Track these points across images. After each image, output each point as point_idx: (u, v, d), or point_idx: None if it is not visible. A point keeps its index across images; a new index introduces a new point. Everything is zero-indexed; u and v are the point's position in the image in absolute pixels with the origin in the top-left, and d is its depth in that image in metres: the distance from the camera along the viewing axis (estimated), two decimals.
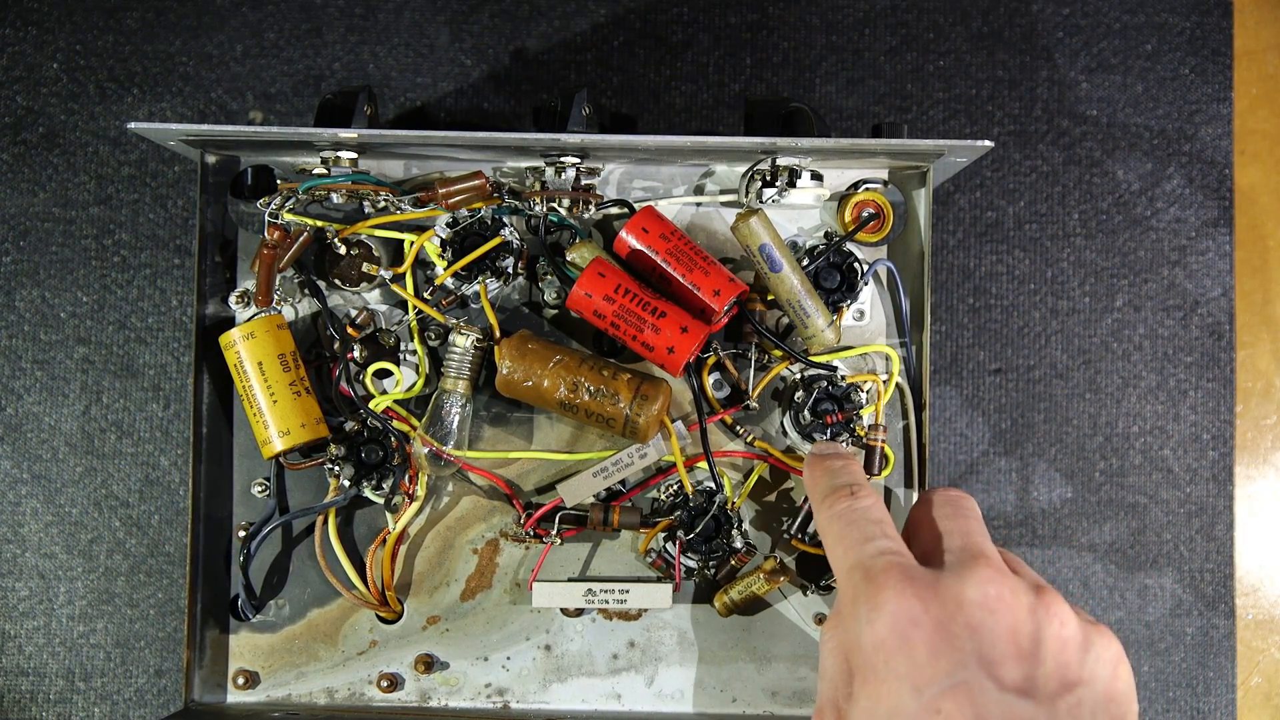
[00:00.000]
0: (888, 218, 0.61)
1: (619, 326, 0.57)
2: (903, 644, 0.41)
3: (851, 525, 0.47)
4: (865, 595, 0.43)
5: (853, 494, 0.49)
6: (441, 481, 0.62)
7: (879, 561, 0.44)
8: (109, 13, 0.73)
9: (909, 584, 0.42)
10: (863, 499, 0.49)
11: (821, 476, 0.52)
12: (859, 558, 0.45)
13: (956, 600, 0.42)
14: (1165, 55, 0.75)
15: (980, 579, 0.42)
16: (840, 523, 0.48)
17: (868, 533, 0.46)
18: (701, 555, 0.59)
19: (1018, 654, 0.41)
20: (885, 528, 0.47)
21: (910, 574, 0.43)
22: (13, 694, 0.71)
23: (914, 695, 0.40)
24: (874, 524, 0.47)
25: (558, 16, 0.74)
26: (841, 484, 0.50)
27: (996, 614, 0.41)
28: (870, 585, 0.43)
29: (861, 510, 0.48)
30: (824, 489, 0.51)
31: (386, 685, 0.61)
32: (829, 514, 0.49)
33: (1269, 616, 0.74)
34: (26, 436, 0.71)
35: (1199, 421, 0.74)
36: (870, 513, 0.48)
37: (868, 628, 0.42)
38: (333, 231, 0.59)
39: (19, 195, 0.72)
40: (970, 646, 0.41)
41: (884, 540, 0.46)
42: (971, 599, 0.42)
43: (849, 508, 0.48)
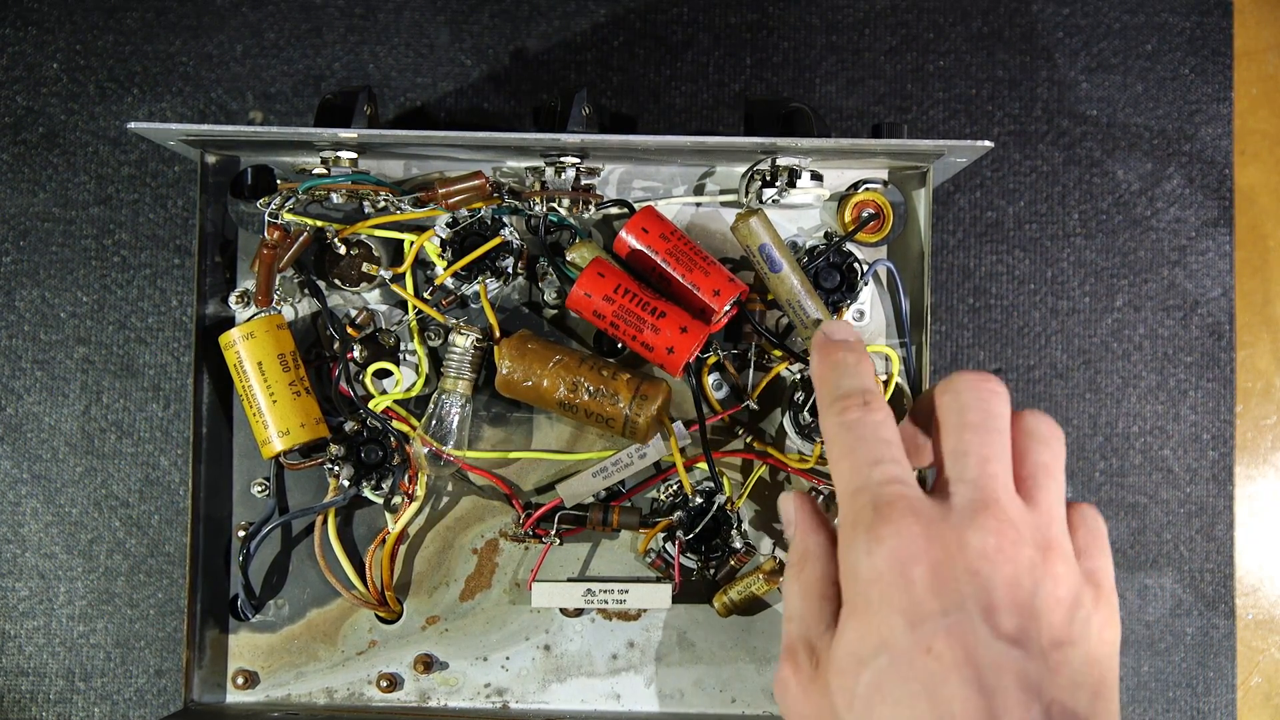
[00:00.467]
0: (888, 218, 0.61)
1: (619, 326, 0.57)
2: (901, 578, 0.40)
3: (862, 442, 0.44)
4: (867, 524, 0.42)
5: (866, 404, 0.45)
6: (441, 481, 0.62)
7: (886, 491, 0.42)
8: (109, 13, 0.73)
9: (914, 519, 0.41)
10: (875, 411, 0.45)
11: (831, 372, 0.48)
12: (866, 482, 0.43)
13: (959, 543, 0.41)
14: (1165, 55, 0.75)
15: (986, 527, 0.41)
16: (850, 436, 0.45)
17: (878, 454, 0.44)
18: (701, 555, 0.59)
19: (1014, 604, 0.40)
20: (895, 450, 0.44)
21: (916, 509, 0.42)
22: (13, 694, 0.71)
23: (907, 630, 0.40)
24: (885, 444, 0.44)
25: (558, 16, 0.74)
26: (854, 388, 0.46)
27: (997, 564, 0.41)
28: (875, 515, 0.42)
29: (873, 426, 0.45)
30: (834, 389, 0.47)
31: (386, 685, 0.61)
32: (838, 421, 0.46)
33: (1269, 616, 0.74)
34: (26, 436, 0.71)
35: (1199, 421, 0.74)
36: (882, 430, 0.45)
37: (866, 558, 0.41)
38: (333, 231, 0.59)
39: (19, 195, 0.72)
40: (969, 590, 0.40)
41: (893, 465, 0.44)
42: (974, 545, 0.41)
43: (859, 420, 0.45)
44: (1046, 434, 0.46)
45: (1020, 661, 0.39)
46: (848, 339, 0.49)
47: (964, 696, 0.38)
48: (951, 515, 0.42)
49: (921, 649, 0.39)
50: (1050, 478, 0.45)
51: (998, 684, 0.39)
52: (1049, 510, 0.44)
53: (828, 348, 0.48)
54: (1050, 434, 0.46)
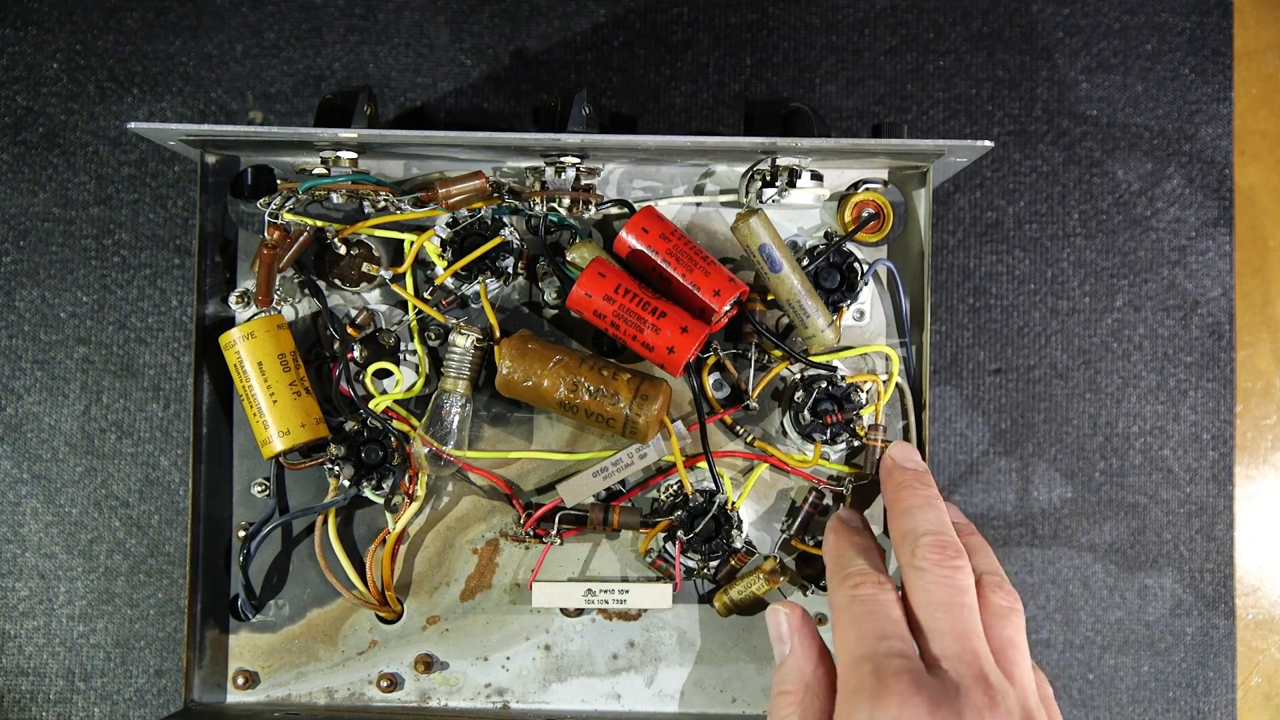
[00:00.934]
0: (888, 218, 0.61)
1: (619, 326, 0.57)
2: None
3: (872, 616, 0.48)
4: (869, 692, 0.44)
5: (880, 584, 0.49)
6: (441, 481, 0.62)
7: (892, 663, 0.45)
8: (109, 13, 0.73)
9: (916, 692, 0.44)
10: (887, 591, 0.49)
11: (846, 551, 0.52)
12: (872, 651, 0.46)
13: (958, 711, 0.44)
14: (1165, 55, 0.75)
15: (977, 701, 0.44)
16: (860, 609, 0.48)
17: (885, 629, 0.47)
18: (701, 555, 0.59)
19: None
20: (902, 629, 0.48)
21: (918, 682, 0.44)
22: (13, 694, 0.71)
23: None
24: (893, 622, 0.47)
25: (558, 16, 0.74)
26: (867, 569, 0.50)
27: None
28: (879, 684, 0.44)
29: (884, 604, 0.48)
30: (847, 566, 0.51)
31: (386, 685, 0.61)
32: (850, 595, 0.49)
33: (1269, 616, 0.74)
34: (26, 436, 0.71)
35: (1199, 421, 0.74)
36: (892, 610, 0.48)
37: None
38: (333, 231, 0.59)
39: (19, 195, 0.72)
40: None
41: (899, 642, 0.46)
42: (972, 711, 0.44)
43: (873, 596, 0.49)
44: (1007, 608, 0.50)
45: None
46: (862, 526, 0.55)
47: None
48: (947, 689, 0.45)
49: None
50: (1019, 652, 0.49)
51: None
52: (1024, 684, 0.48)
53: (844, 530, 0.54)
54: (1011, 607, 0.50)
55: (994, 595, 0.50)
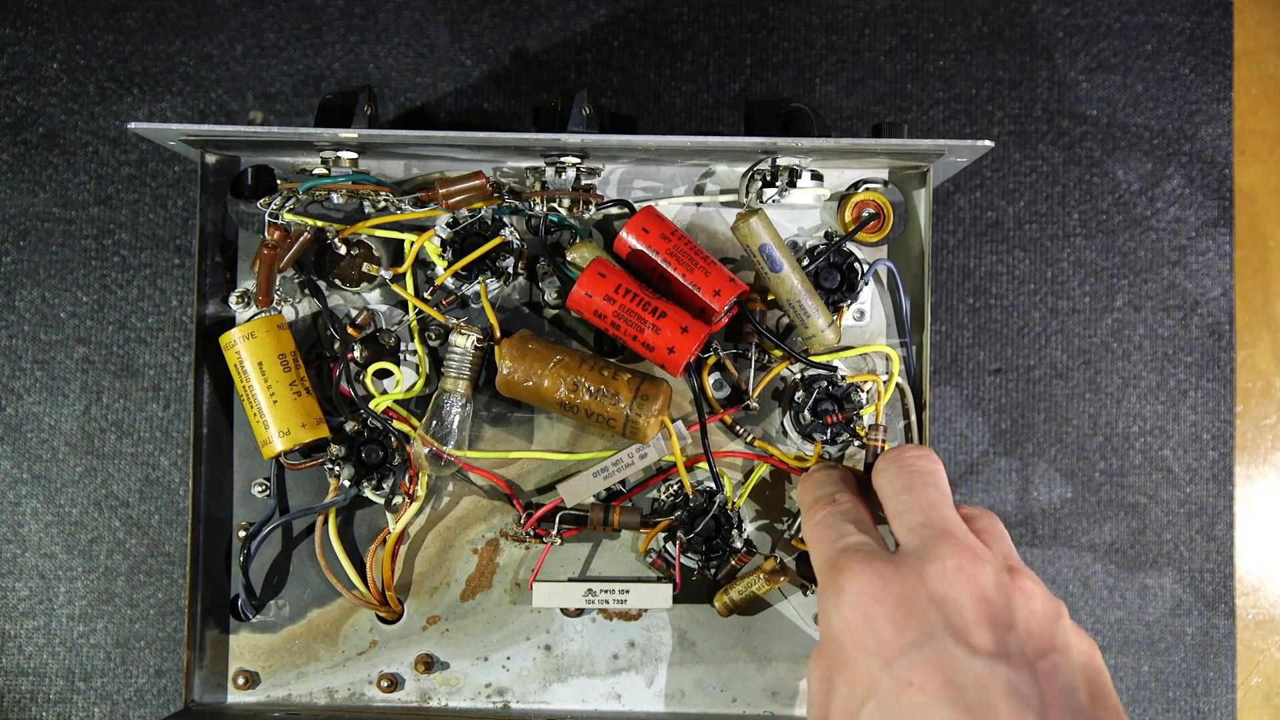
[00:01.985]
0: (888, 218, 0.61)
1: (619, 326, 0.57)
2: (866, 622, 0.41)
3: (828, 528, 0.47)
4: (829, 583, 0.43)
5: (834, 500, 0.49)
6: (441, 481, 0.62)
7: (845, 553, 0.44)
8: (109, 13, 0.73)
9: (868, 564, 0.43)
10: (842, 502, 0.49)
11: (809, 488, 0.53)
12: (829, 553, 0.45)
13: (918, 574, 0.42)
14: (1165, 55, 0.75)
15: (941, 552, 0.42)
16: (819, 528, 0.48)
17: (840, 530, 0.47)
18: (701, 555, 0.59)
19: (987, 619, 0.40)
20: (860, 524, 0.47)
21: (871, 555, 0.43)
22: (13, 694, 0.71)
23: (884, 670, 0.40)
24: (848, 522, 0.47)
25: (558, 16, 0.74)
26: (825, 493, 0.50)
27: (960, 584, 0.41)
28: (835, 571, 0.44)
29: (838, 512, 0.48)
30: (809, 500, 0.51)
31: (386, 685, 0.61)
32: (810, 523, 0.49)
33: (1269, 616, 0.74)
34: (26, 436, 0.71)
35: (1199, 421, 0.74)
36: (847, 513, 0.48)
37: (834, 613, 0.42)
38: (333, 231, 0.59)
39: (19, 195, 0.72)
40: (936, 616, 0.40)
41: (854, 535, 0.46)
42: (932, 572, 0.42)
43: (828, 513, 0.49)
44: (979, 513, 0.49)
45: (1005, 675, 0.39)
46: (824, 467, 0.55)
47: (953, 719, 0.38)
48: (908, 554, 0.43)
49: (903, 684, 0.39)
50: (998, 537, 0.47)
51: (985, 701, 0.38)
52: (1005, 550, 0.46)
53: (812, 473, 0.54)
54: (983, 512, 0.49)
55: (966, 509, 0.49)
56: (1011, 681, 0.39)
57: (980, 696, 0.38)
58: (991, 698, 0.38)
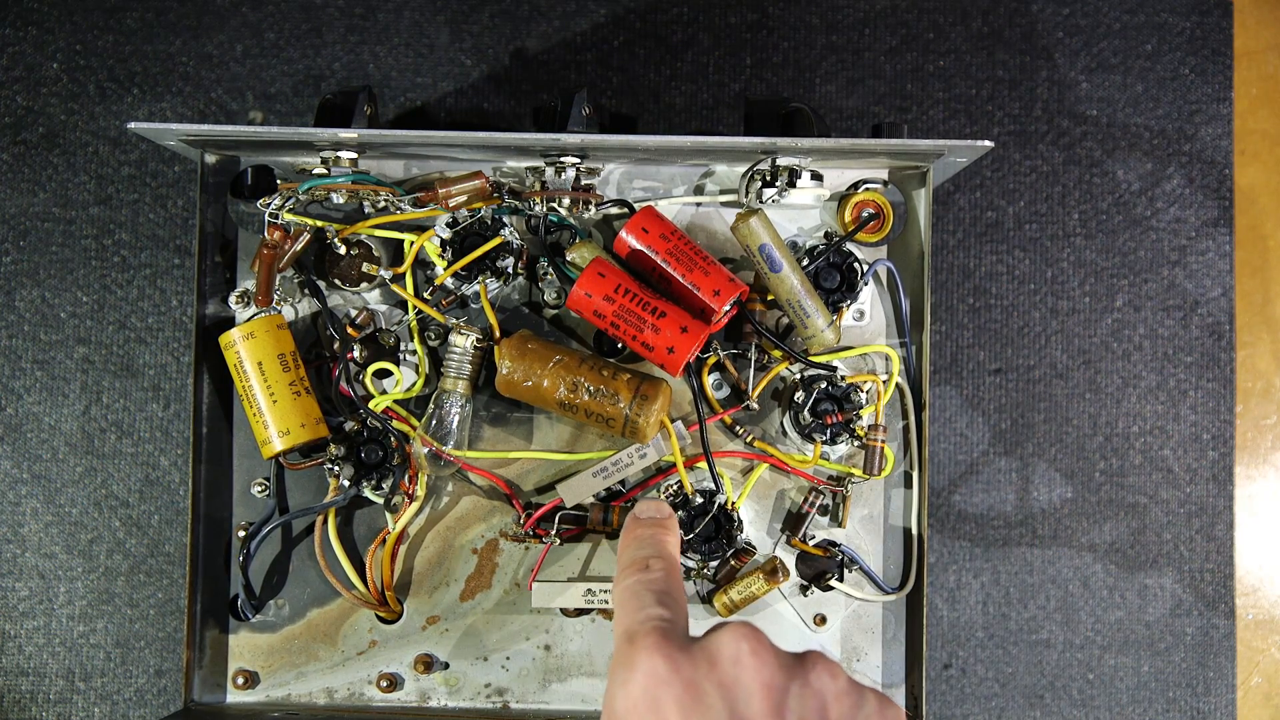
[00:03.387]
0: (888, 218, 0.61)
1: (619, 326, 0.57)
2: (652, 705, 0.40)
3: (632, 596, 0.46)
4: (622, 659, 0.42)
5: (647, 567, 0.48)
6: (441, 481, 0.62)
7: (644, 627, 0.43)
8: (109, 13, 0.73)
9: (661, 644, 0.41)
10: (653, 571, 0.47)
11: (628, 546, 0.51)
12: (627, 625, 0.44)
13: (709, 659, 0.41)
14: (1165, 55, 0.75)
15: (734, 635, 0.41)
16: (625, 595, 0.47)
17: (643, 601, 0.45)
18: (701, 555, 0.59)
19: (773, 708, 0.39)
20: (664, 597, 0.46)
21: (667, 636, 0.42)
22: (13, 694, 0.71)
23: None
24: (652, 594, 0.46)
25: (558, 16, 0.74)
26: (640, 555, 0.49)
27: (749, 669, 0.40)
28: (630, 646, 0.42)
29: (646, 582, 0.47)
30: (624, 560, 0.50)
31: (386, 685, 0.61)
32: (619, 587, 0.48)
33: (1269, 616, 0.74)
34: (26, 436, 0.71)
35: (1199, 421, 0.74)
36: (654, 584, 0.46)
37: (620, 691, 0.41)
38: (333, 231, 0.59)
39: (19, 195, 0.72)
40: (721, 705, 0.39)
41: (655, 608, 0.45)
42: (724, 655, 0.41)
43: (636, 581, 0.47)
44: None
45: None
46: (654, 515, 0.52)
47: None
48: (703, 636, 0.42)
49: None
50: None
51: None
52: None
53: (630, 526, 0.52)
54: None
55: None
56: None
57: None
58: None
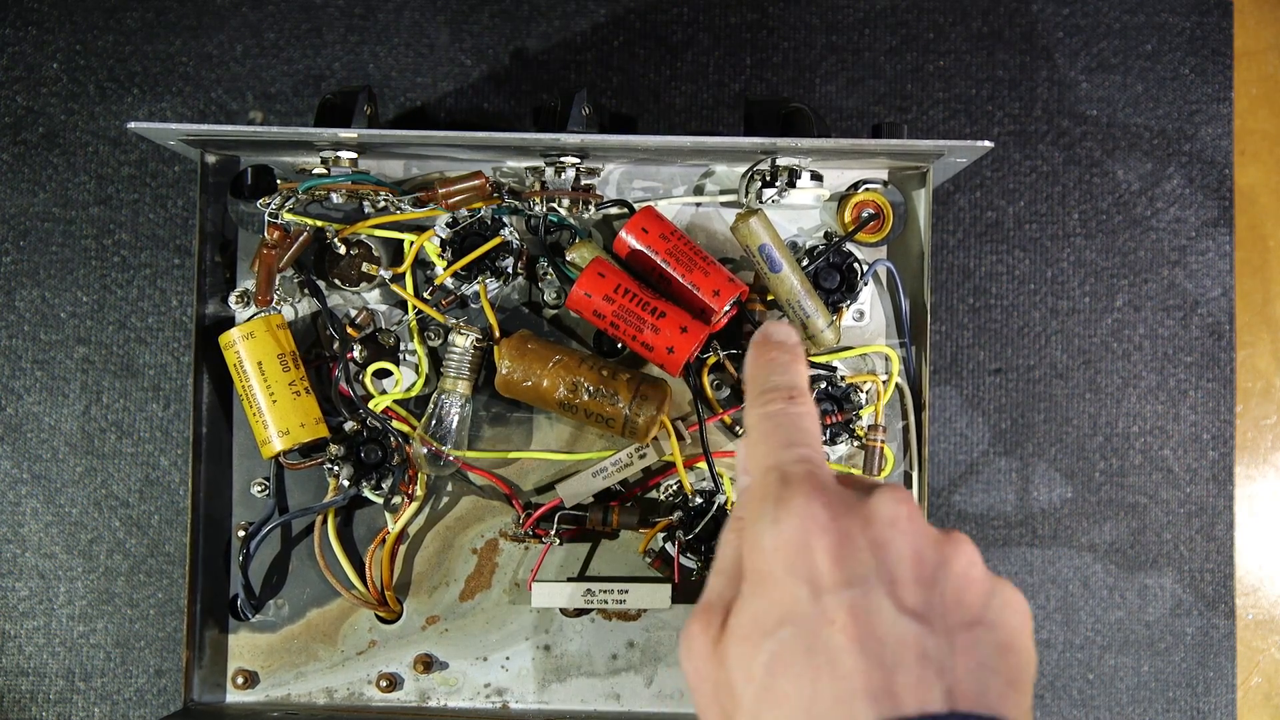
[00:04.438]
0: (888, 218, 0.61)
1: (619, 326, 0.57)
2: (805, 548, 0.40)
3: (780, 428, 0.46)
4: (775, 496, 0.42)
5: (790, 398, 0.47)
6: (441, 481, 0.62)
7: (797, 468, 0.43)
8: (109, 13, 0.73)
9: (820, 492, 0.41)
10: (799, 404, 0.47)
11: (762, 368, 0.49)
12: (779, 460, 0.44)
13: (865, 516, 0.41)
14: (1165, 55, 0.75)
15: (893, 498, 0.41)
16: (770, 423, 0.46)
17: (793, 438, 0.45)
18: (701, 555, 0.59)
19: (919, 578, 0.40)
20: (812, 439, 0.46)
21: (824, 484, 0.42)
22: (13, 694, 0.71)
23: (811, 600, 0.39)
24: (802, 431, 0.45)
25: (558, 16, 0.74)
26: (781, 384, 0.48)
27: (904, 534, 0.40)
28: (783, 486, 0.42)
29: (794, 416, 0.46)
30: (762, 383, 0.48)
31: (386, 685, 0.61)
32: (761, 412, 0.47)
33: (1269, 616, 0.74)
34: (26, 436, 0.71)
35: (1199, 421, 0.74)
36: (802, 420, 0.46)
37: (772, 528, 0.41)
38: (333, 231, 0.59)
39: (19, 195, 0.72)
40: (873, 562, 0.40)
41: (807, 449, 0.44)
42: (880, 515, 0.41)
43: (782, 411, 0.46)
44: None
45: (922, 638, 0.38)
46: (785, 340, 0.50)
47: (865, 670, 0.38)
48: (859, 491, 0.42)
49: (825, 621, 0.39)
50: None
51: (898, 660, 0.38)
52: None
53: (763, 347, 0.49)
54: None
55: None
56: (926, 646, 0.38)
57: (895, 654, 0.38)
58: (905, 657, 0.38)
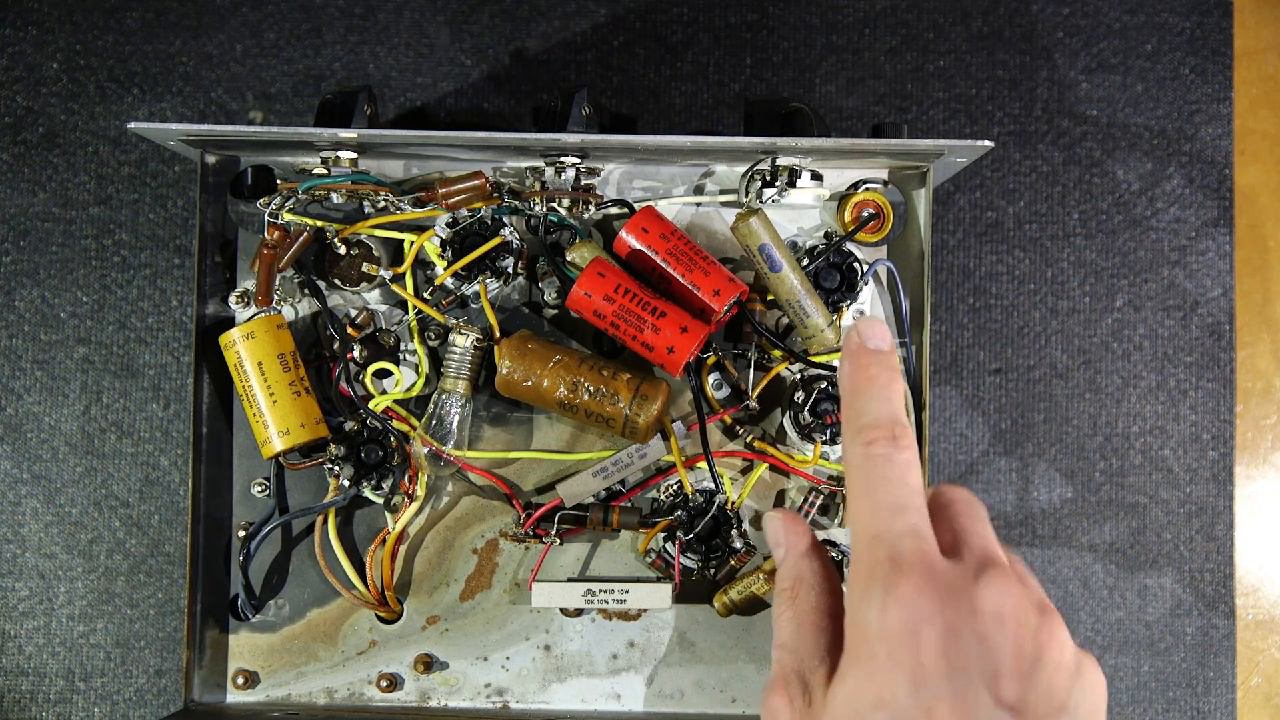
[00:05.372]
0: (888, 218, 0.61)
1: (619, 326, 0.57)
2: (911, 638, 0.40)
3: (885, 483, 0.43)
4: (884, 578, 0.41)
5: (895, 438, 0.44)
6: (441, 481, 0.62)
7: (907, 544, 0.42)
8: (109, 13, 0.73)
9: (930, 580, 0.41)
10: (905, 449, 0.44)
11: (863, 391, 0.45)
12: (888, 530, 0.42)
13: (971, 607, 0.41)
14: (1165, 55, 0.75)
15: (997, 590, 0.41)
16: (875, 472, 0.44)
17: (901, 500, 0.43)
18: (701, 555, 0.59)
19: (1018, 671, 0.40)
20: (918, 498, 0.44)
21: (933, 568, 0.41)
22: (13, 694, 0.71)
23: (910, 691, 0.39)
24: (909, 490, 0.43)
25: (558, 16, 0.74)
26: (884, 417, 0.44)
27: (1006, 628, 0.41)
28: (893, 569, 0.41)
29: (900, 466, 0.44)
30: (862, 414, 0.45)
31: (386, 685, 0.61)
32: (865, 453, 0.44)
33: (1269, 616, 0.74)
34: (26, 436, 0.71)
35: (1199, 421, 0.74)
36: (909, 473, 0.44)
37: (879, 613, 0.41)
38: (333, 231, 0.59)
39: (19, 195, 0.72)
40: (975, 656, 0.40)
41: (915, 516, 0.43)
42: (986, 609, 0.41)
43: (888, 456, 0.44)
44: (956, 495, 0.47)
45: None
46: (882, 348, 0.46)
47: None
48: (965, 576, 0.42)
49: (922, 711, 0.39)
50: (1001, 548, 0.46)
51: None
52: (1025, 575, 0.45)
53: (862, 357, 0.46)
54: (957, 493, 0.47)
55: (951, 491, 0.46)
56: None
57: None
58: None
